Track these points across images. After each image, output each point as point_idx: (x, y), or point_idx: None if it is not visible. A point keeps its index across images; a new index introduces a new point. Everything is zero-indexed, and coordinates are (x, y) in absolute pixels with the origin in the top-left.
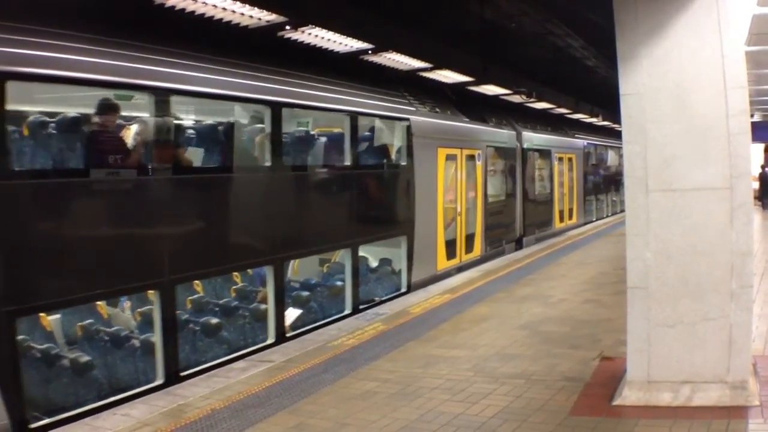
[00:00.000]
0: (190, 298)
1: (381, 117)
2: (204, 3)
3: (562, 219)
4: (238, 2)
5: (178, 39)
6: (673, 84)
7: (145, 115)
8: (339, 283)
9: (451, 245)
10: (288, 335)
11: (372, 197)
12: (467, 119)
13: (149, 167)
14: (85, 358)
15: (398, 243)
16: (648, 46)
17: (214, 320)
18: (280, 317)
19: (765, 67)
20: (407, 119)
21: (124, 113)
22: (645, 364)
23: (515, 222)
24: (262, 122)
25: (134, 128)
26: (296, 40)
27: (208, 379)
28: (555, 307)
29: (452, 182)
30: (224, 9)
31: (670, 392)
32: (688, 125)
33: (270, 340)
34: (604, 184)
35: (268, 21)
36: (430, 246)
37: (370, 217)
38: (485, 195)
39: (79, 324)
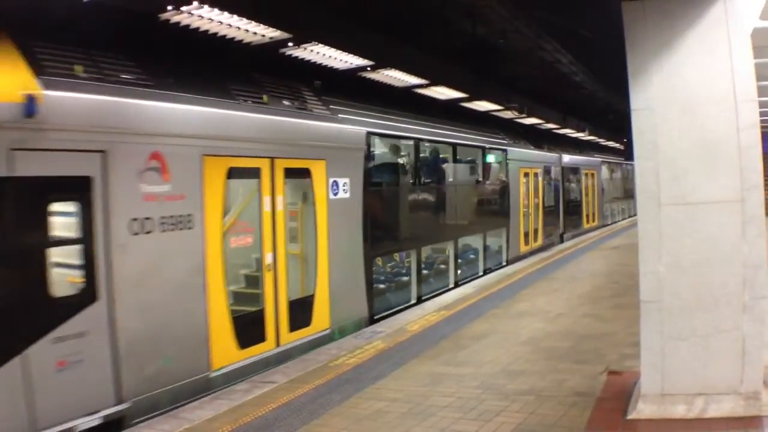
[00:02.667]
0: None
1: (495, 149)
2: (209, 19)
3: (588, 221)
4: (244, 19)
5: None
6: (684, 98)
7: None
8: (473, 256)
9: (526, 236)
10: (459, 282)
11: (491, 201)
12: (532, 146)
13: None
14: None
15: (501, 233)
16: (658, 60)
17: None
18: (456, 270)
19: (766, 80)
20: (506, 149)
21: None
22: (659, 377)
23: (559, 222)
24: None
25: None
26: (298, 57)
27: (211, 401)
28: (554, 322)
29: (526, 192)
30: (229, 26)
31: (684, 404)
32: (700, 139)
33: (451, 285)
34: (615, 193)
35: (272, 38)
36: (516, 236)
37: (491, 214)
38: (543, 201)
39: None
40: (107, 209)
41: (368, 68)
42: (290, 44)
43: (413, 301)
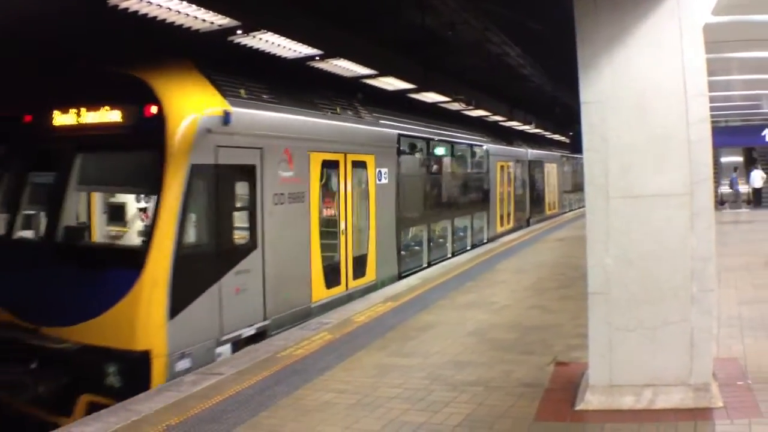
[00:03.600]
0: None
1: (478, 145)
2: (158, 5)
3: (549, 208)
4: (193, 5)
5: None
6: (635, 92)
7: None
8: (462, 233)
9: (501, 218)
10: (455, 253)
11: (477, 189)
12: (505, 143)
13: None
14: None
15: (483, 216)
16: (609, 54)
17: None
18: (453, 244)
19: (716, 75)
20: (487, 146)
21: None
22: (607, 368)
23: (527, 208)
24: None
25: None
26: (246, 45)
27: (159, 393)
28: (500, 313)
29: (501, 181)
30: (178, 12)
31: (632, 396)
32: (649, 133)
33: (449, 255)
34: (572, 185)
35: (220, 25)
36: (494, 218)
37: (477, 200)
38: (514, 190)
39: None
40: (263, 187)
41: (317, 57)
42: (239, 32)
43: (425, 265)
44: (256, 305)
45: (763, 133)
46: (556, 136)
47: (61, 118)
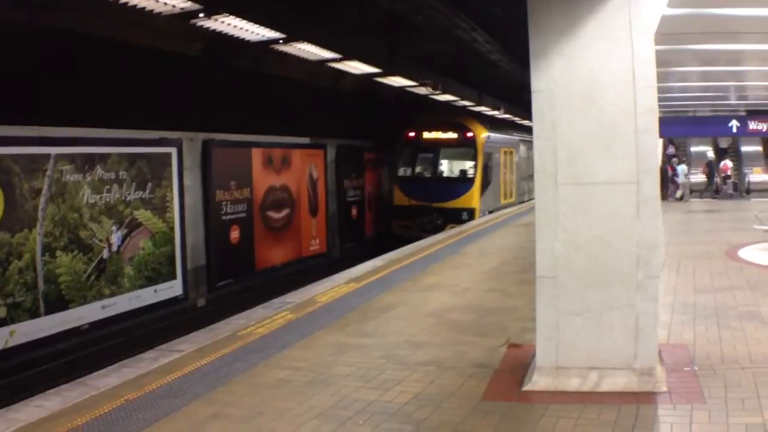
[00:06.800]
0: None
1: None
2: None
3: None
4: None
5: None
6: (584, 82)
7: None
8: (527, 190)
9: (505, 195)
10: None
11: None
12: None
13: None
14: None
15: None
16: (560, 44)
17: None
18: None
19: (670, 66)
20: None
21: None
22: (554, 350)
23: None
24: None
25: None
26: (208, 28)
27: (118, 369)
28: (461, 296)
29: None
30: None
31: (578, 378)
32: (598, 122)
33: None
34: None
35: (182, 8)
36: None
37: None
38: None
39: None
40: (495, 161)
41: (280, 41)
42: (201, 15)
43: (526, 200)
44: (496, 199)
45: (729, 124)
46: (526, 122)
47: (428, 135)
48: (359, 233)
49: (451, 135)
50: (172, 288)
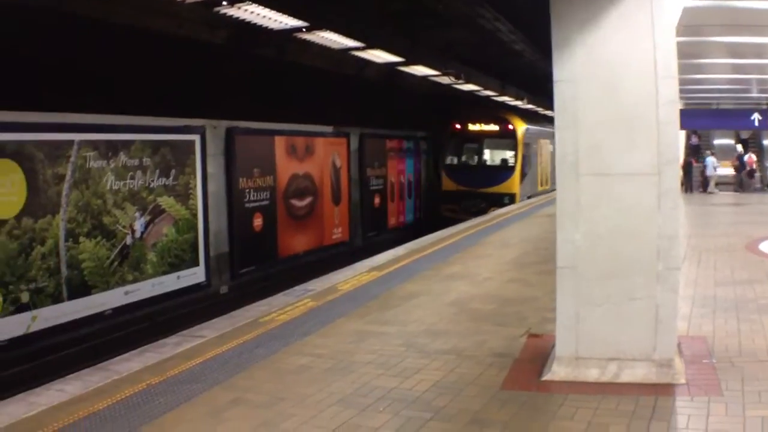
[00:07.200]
0: None
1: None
2: None
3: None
4: None
5: None
6: (606, 72)
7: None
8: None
9: (541, 182)
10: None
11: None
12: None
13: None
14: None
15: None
16: (582, 34)
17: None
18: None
19: (692, 58)
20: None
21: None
22: (573, 340)
23: (549, 177)
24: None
25: None
26: (232, 16)
27: (140, 354)
28: (481, 285)
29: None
30: None
31: (597, 368)
32: (620, 113)
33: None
34: None
35: None
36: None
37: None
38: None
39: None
40: (532, 149)
41: (303, 29)
42: (224, 3)
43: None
44: (533, 186)
45: (752, 117)
46: (549, 113)
47: (473, 127)
48: (381, 223)
49: (494, 127)
50: (195, 274)
